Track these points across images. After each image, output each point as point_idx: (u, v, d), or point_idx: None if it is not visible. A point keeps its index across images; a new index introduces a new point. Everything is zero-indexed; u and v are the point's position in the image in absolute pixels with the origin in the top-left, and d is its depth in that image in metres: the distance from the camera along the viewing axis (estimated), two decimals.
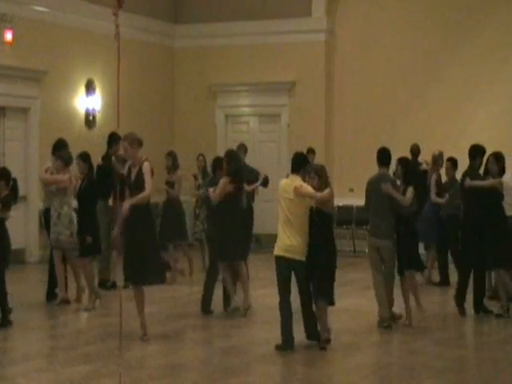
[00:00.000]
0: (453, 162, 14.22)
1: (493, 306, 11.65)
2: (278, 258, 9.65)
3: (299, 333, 9.77)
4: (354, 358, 9.65)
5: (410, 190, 10.75)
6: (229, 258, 11.57)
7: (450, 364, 9.19)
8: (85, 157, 11.90)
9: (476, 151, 11.88)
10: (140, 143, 10.08)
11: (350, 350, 9.89)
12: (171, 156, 14.62)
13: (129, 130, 15.27)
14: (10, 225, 11.42)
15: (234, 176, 11.37)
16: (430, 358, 9.41)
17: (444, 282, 14.00)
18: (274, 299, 10.02)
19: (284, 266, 9.63)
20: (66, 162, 12.11)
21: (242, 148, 14.54)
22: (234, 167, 11.44)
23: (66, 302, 12.02)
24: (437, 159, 14.50)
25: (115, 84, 18.57)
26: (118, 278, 13.35)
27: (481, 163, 11.82)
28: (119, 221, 9.93)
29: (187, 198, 16.45)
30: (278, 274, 9.69)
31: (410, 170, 11.09)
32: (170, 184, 14.48)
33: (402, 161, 11.12)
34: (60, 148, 12.45)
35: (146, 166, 9.85)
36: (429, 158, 15.09)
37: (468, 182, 11.65)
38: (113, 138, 13.62)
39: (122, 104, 18.63)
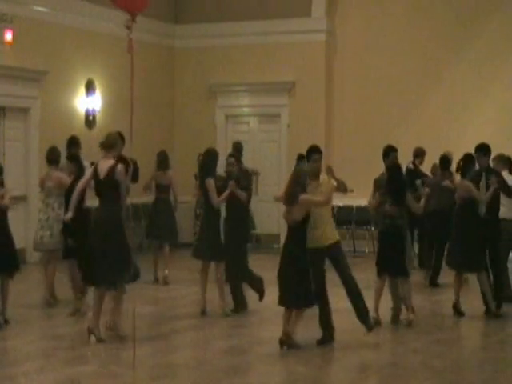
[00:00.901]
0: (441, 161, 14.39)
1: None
2: None
3: (299, 333, 9.78)
4: (354, 357, 9.65)
5: (375, 198, 10.88)
6: (194, 255, 11.73)
7: (449, 364, 9.19)
8: (71, 157, 11.86)
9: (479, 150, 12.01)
10: (105, 146, 10.23)
11: (350, 350, 9.90)
12: (157, 157, 14.67)
13: (129, 129, 15.37)
14: (10, 225, 11.41)
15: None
16: (430, 357, 9.42)
17: (432, 282, 14.03)
18: (274, 299, 10.01)
19: None
20: (47, 160, 12.21)
21: (233, 146, 14.35)
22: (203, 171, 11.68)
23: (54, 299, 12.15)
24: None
25: (115, 84, 18.61)
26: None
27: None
28: None
29: (188, 199, 16.48)
30: None
31: (393, 176, 10.99)
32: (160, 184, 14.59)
33: (387, 167, 11.18)
34: (68, 146, 12.56)
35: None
36: (431, 159, 15.23)
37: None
38: None
39: (122, 104, 18.72)
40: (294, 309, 9.60)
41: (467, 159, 11.79)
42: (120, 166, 9.94)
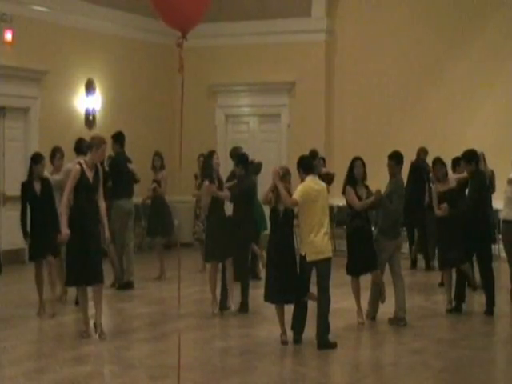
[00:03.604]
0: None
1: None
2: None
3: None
4: (354, 357, 9.66)
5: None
6: (206, 260, 11.99)
7: (449, 364, 9.19)
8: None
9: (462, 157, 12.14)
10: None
11: (350, 350, 9.90)
12: (158, 156, 14.91)
13: (129, 129, 15.42)
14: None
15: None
16: (430, 357, 9.42)
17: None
18: None
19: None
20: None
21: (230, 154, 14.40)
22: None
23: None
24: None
25: (115, 84, 18.62)
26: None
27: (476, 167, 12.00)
28: None
29: (188, 199, 16.48)
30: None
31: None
32: (157, 182, 14.82)
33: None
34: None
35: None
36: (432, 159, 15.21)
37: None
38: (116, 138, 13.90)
39: (122, 104, 18.74)
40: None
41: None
42: (75, 167, 10.07)
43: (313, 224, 9.61)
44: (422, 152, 16.24)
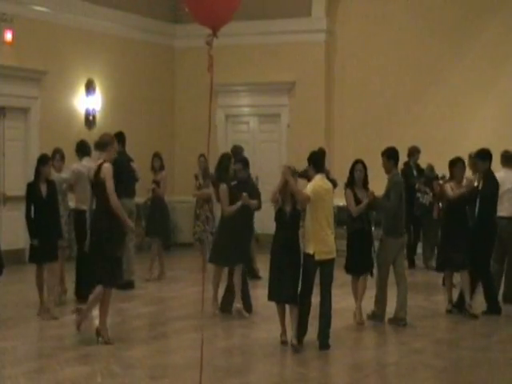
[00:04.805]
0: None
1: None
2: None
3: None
4: (354, 357, 9.66)
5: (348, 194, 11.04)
6: (211, 261, 11.85)
7: (450, 364, 9.20)
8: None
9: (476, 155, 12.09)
10: (97, 146, 10.32)
11: (351, 350, 9.91)
12: (158, 157, 14.97)
13: (129, 129, 15.41)
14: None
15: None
16: (430, 357, 9.42)
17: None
18: None
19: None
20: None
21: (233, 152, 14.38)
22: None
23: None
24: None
25: (115, 84, 18.62)
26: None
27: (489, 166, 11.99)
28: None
29: (188, 199, 16.49)
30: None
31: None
32: (157, 183, 14.87)
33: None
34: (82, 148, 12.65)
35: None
36: (432, 159, 15.22)
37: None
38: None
39: (122, 103, 18.74)
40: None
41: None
42: (106, 165, 9.76)
43: (322, 223, 9.63)
44: (416, 151, 16.19)
